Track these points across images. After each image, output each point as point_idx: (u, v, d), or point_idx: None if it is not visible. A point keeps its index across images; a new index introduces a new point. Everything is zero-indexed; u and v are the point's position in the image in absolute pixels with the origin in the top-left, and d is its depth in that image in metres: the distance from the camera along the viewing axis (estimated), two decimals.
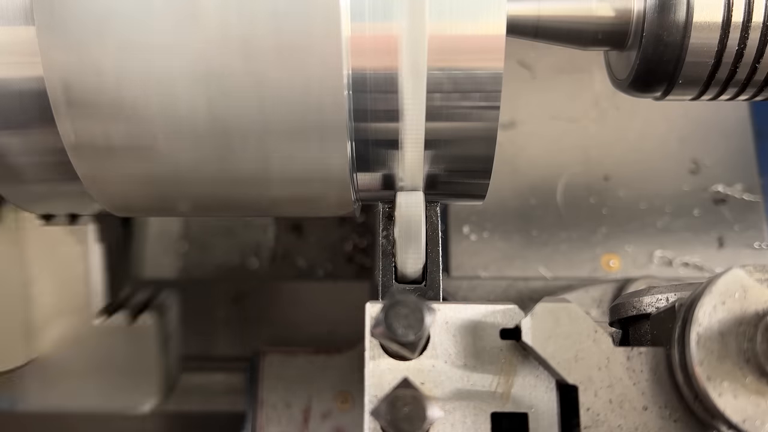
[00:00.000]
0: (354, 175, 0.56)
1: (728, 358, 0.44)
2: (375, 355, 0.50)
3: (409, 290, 0.57)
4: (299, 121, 0.51)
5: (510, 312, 0.51)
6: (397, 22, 0.49)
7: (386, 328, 0.44)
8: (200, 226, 1.20)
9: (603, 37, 0.60)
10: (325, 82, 0.49)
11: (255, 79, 0.49)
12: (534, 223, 0.94)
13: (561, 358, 0.48)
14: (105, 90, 0.50)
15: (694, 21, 0.56)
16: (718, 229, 0.94)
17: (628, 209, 0.94)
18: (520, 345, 0.50)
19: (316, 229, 1.20)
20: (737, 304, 0.45)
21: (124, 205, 0.61)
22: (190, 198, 0.59)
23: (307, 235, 1.19)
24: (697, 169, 0.96)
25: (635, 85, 0.61)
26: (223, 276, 1.17)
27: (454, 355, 0.50)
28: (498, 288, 0.88)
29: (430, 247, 0.57)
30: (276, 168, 0.54)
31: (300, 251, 1.19)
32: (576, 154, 0.96)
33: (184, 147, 0.53)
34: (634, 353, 0.48)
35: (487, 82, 0.51)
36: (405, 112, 0.52)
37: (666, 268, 0.91)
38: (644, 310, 0.54)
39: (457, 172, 0.57)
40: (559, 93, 0.99)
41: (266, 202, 0.59)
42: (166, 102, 0.50)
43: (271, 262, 1.19)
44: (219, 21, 0.48)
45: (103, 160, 0.54)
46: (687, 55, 0.57)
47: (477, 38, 0.50)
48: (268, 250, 1.19)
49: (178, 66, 0.49)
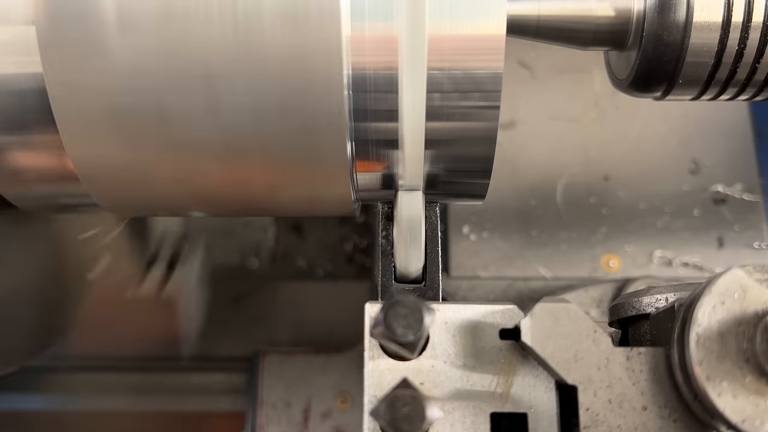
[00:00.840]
0: (354, 175, 0.56)
1: (728, 358, 0.44)
2: (374, 355, 0.50)
3: (408, 290, 0.56)
4: (299, 120, 0.51)
5: (509, 312, 0.51)
6: (397, 22, 0.49)
7: (385, 328, 0.44)
8: (200, 226, 1.20)
9: (603, 37, 0.59)
10: (325, 81, 0.49)
11: (254, 78, 0.49)
12: (534, 223, 0.94)
13: (560, 358, 0.48)
14: (106, 90, 0.50)
15: (694, 21, 0.56)
16: (718, 229, 0.94)
17: (627, 209, 0.94)
18: (519, 345, 0.50)
19: (316, 229, 1.20)
20: (737, 304, 0.45)
21: (125, 206, 0.61)
22: (190, 198, 0.59)
23: (307, 235, 1.19)
24: (696, 169, 0.96)
25: (635, 85, 0.61)
26: (223, 276, 1.17)
27: (453, 355, 0.50)
28: (497, 288, 0.88)
29: (429, 247, 0.57)
30: (276, 168, 0.54)
31: (300, 251, 1.19)
32: (576, 154, 0.96)
33: (185, 147, 0.53)
34: (634, 353, 0.48)
35: (488, 82, 0.50)
36: (405, 112, 0.52)
37: (666, 268, 0.91)
38: (644, 310, 0.54)
39: (458, 171, 0.57)
40: (559, 93, 0.99)
41: (266, 201, 0.59)
42: (164, 101, 0.50)
43: (271, 262, 1.19)
44: (220, 21, 0.48)
45: (103, 161, 0.54)
46: (687, 55, 0.56)
47: (477, 38, 0.49)
48: (268, 250, 1.19)
49: (177, 66, 0.49)
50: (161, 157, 0.53)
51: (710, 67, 0.57)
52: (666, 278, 0.89)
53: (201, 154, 0.53)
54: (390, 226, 0.58)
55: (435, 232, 0.58)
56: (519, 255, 0.91)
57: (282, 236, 1.19)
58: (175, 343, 1.09)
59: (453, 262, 0.91)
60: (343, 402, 0.92)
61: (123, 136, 0.52)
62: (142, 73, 0.49)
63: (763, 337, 0.43)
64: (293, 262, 1.18)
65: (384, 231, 0.58)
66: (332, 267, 1.18)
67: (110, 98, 0.50)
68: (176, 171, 0.55)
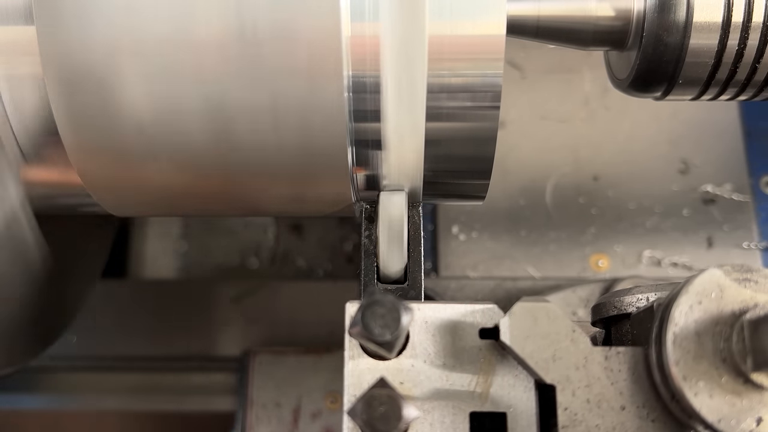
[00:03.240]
0: (354, 176, 0.56)
1: (704, 357, 0.44)
2: (354, 354, 0.50)
3: (390, 290, 0.56)
4: (299, 121, 0.51)
5: (489, 311, 0.50)
6: (397, 23, 0.48)
7: (363, 327, 0.44)
8: (200, 226, 1.20)
9: (603, 37, 0.59)
10: (325, 83, 0.49)
11: (254, 77, 0.49)
12: (523, 223, 0.94)
13: (539, 358, 0.47)
14: (105, 91, 0.50)
15: (694, 21, 0.55)
16: (708, 229, 0.94)
17: (617, 209, 0.94)
18: (498, 344, 0.49)
19: (316, 229, 1.19)
20: (714, 304, 0.44)
21: (125, 206, 0.61)
22: (191, 198, 0.59)
23: (307, 235, 1.19)
24: (686, 169, 0.96)
25: (635, 85, 0.60)
26: (223, 276, 1.17)
27: (433, 355, 0.50)
28: (486, 288, 0.88)
29: (412, 247, 0.57)
30: (277, 169, 0.54)
31: (300, 251, 1.18)
32: (565, 154, 0.96)
33: (185, 149, 0.52)
34: (612, 353, 0.48)
35: (488, 83, 0.50)
36: (389, 113, 0.51)
37: (655, 268, 0.91)
38: (625, 310, 0.54)
39: (457, 172, 0.57)
40: (548, 93, 0.99)
41: (267, 201, 0.59)
42: (166, 103, 0.50)
43: (271, 262, 1.18)
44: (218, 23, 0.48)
45: (102, 161, 0.54)
46: (687, 55, 0.56)
47: (477, 38, 0.49)
48: (268, 250, 1.19)
49: (176, 66, 0.49)
50: (162, 159, 0.53)
51: (710, 68, 0.57)
52: (655, 278, 0.89)
53: (202, 156, 0.53)
54: (373, 226, 0.57)
55: (418, 232, 0.58)
56: (508, 255, 0.91)
57: (282, 236, 1.19)
58: None
59: (442, 261, 0.91)
60: (332, 402, 0.92)
61: (123, 138, 0.52)
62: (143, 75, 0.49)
63: (740, 337, 0.43)
64: (293, 262, 1.18)
65: (366, 231, 0.57)
66: (332, 267, 1.17)
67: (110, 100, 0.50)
68: (178, 173, 0.54)
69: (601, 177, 0.95)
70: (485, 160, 0.55)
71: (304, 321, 1.06)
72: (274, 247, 1.19)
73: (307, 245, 1.18)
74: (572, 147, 0.96)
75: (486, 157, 0.55)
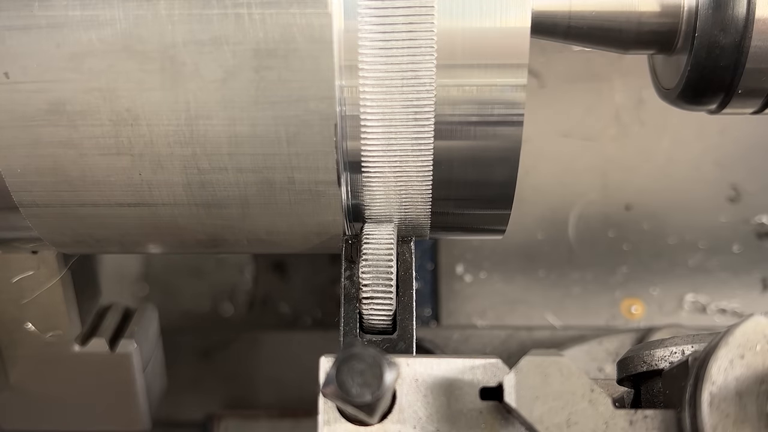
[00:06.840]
0: (348, 204, 0.56)
1: (747, 422, 0.43)
2: (330, 419, 0.49)
3: (375, 341, 0.56)
4: (287, 144, 0.51)
5: (492, 367, 0.50)
6: (398, 22, 0.48)
7: (338, 386, 0.43)
8: (163, 265, 1.20)
9: (647, 38, 0.59)
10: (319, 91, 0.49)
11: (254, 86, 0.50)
12: (541, 261, 0.94)
13: (550, 423, 0.47)
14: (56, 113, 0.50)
15: (756, 18, 0.55)
16: (762, 269, 0.94)
17: (654, 245, 0.95)
18: (503, 407, 0.49)
19: (302, 269, 1.19)
20: (758, 358, 0.44)
21: (72, 241, 0.61)
22: (150, 230, 0.58)
23: (291, 276, 1.19)
24: (737, 196, 0.96)
25: (685, 96, 0.60)
26: (191, 325, 1.17)
27: (424, 419, 0.49)
28: (496, 339, 0.88)
29: (402, 290, 0.57)
30: (254, 190, 0.54)
31: (283, 295, 1.18)
32: (592, 178, 0.97)
33: (154, 170, 0.53)
34: (638, 417, 0.48)
35: (508, 91, 0.50)
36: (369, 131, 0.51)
37: (699, 315, 0.91)
38: (656, 366, 0.54)
39: (472, 200, 0.56)
40: (572, 105, 0.99)
41: (242, 234, 0.59)
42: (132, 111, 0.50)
43: (249, 308, 1.18)
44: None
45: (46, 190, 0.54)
46: (748, 59, 0.56)
47: (495, 39, 0.49)
48: (245, 293, 1.19)
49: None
50: (113, 183, 0.53)
51: None
52: (698, 328, 0.89)
53: (176, 187, 0.53)
54: (354, 265, 0.57)
55: (409, 272, 0.58)
56: (523, 299, 0.91)
57: (262, 277, 1.19)
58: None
59: (444, 308, 0.91)
60: None
61: (70, 162, 0.52)
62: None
63: None
64: (275, 308, 1.18)
65: (347, 270, 0.57)
66: (321, 314, 1.17)
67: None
68: (133, 195, 0.54)
69: (634, 206, 0.95)
70: (506, 186, 0.55)
71: (287, 379, 1.06)
72: (252, 290, 1.19)
73: (292, 288, 1.18)
74: (600, 170, 0.97)
75: (507, 183, 0.55)
